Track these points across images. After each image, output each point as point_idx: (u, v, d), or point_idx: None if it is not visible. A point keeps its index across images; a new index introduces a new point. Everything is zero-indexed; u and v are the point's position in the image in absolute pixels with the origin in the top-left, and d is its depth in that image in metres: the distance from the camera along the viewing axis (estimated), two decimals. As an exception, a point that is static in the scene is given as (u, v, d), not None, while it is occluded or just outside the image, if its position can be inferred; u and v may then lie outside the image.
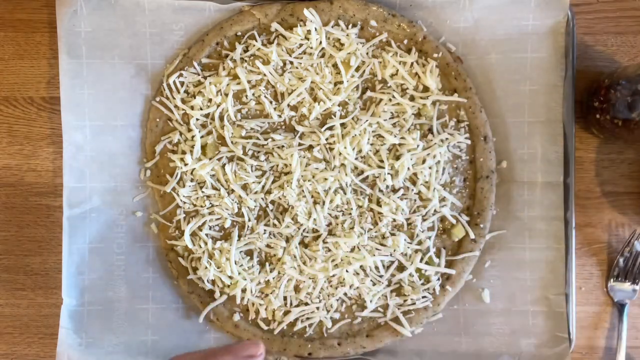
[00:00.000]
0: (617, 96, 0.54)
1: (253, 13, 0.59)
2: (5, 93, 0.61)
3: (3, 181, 0.61)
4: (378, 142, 0.59)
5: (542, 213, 0.59)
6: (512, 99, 0.59)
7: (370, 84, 0.60)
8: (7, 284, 0.62)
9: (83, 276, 0.59)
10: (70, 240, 0.59)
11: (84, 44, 0.59)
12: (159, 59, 0.60)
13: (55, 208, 0.61)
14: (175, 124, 0.60)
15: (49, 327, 0.61)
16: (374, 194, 0.59)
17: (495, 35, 0.59)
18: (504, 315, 0.60)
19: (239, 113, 0.60)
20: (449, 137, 0.59)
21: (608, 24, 0.60)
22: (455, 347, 0.60)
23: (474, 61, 0.59)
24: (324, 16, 0.58)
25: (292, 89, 0.59)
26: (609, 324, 0.61)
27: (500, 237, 0.60)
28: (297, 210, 0.58)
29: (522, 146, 0.59)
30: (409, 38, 0.59)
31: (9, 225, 0.62)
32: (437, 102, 0.59)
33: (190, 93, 0.59)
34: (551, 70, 0.58)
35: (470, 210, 0.60)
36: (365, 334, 0.59)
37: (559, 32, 0.58)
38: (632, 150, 0.61)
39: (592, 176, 0.61)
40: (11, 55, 0.61)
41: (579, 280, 0.61)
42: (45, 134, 0.61)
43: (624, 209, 0.61)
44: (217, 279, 0.59)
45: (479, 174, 0.59)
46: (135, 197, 0.60)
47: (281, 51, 0.58)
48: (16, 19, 0.61)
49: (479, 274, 0.60)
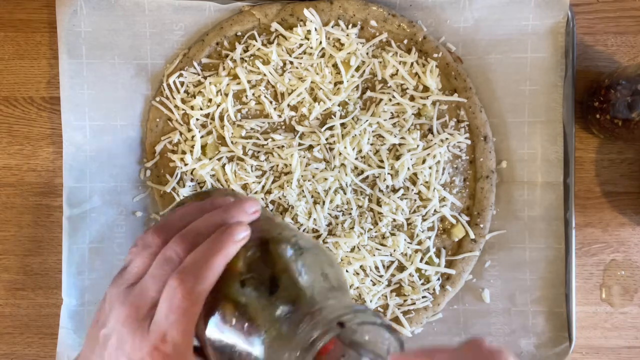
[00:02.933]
0: (617, 96, 0.54)
1: (253, 13, 0.59)
2: (5, 93, 0.61)
3: (3, 181, 0.61)
4: (378, 142, 0.59)
5: (542, 213, 0.59)
6: (512, 99, 0.59)
7: (370, 84, 0.60)
8: (7, 284, 0.62)
9: (83, 276, 0.59)
10: (70, 240, 0.59)
11: (84, 44, 0.59)
12: (159, 59, 0.60)
13: (55, 208, 0.61)
14: (175, 124, 0.60)
15: (49, 327, 0.62)
16: (374, 194, 0.59)
17: (495, 35, 0.59)
18: (504, 315, 0.60)
19: (239, 113, 0.60)
20: (449, 137, 0.59)
21: (608, 24, 0.60)
22: (455, 347, 0.60)
23: (474, 61, 0.59)
24: (324, 16, 0.58)
25: (292, 89, 0.59)
26: (609, 324, 0.61)
27: (500, 237, 0.60)
28: (297, 210, 0.58)
29: (522, 146, 0.59)
30: (409, 38, 0.59)
31: (9, 225, 0.62)
32: (437, 102, 0.59)
33: (190, 93, 0.59)
34: (551, 70, 0.58)
35: (470, 210, 0.60)
36: (365, 334, 0.59)
37: (559, 32, 0.58)
38: (632, 150, 0.61)
39: (592, 176, 0.61)
40: (11, 55, 0.61)
41: (579, 280, 0.61)
42: (45, 134, 0.61)
43: (624, 209, 0.61)
44: (217, 279, 0.59)
45: (479, 174, 0.59)
46: (135, 197, 0.60)
47: (281, 51, 0.58)
48: (16, 19, 0.61)
49: (479, 274, 0.60)
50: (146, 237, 0.40)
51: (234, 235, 0.38)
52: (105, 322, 0.39)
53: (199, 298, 0.36)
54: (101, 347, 0.39)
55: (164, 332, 0.36)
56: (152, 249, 0.39)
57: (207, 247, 0.37)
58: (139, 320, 0.37)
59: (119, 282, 0.39)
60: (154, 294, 0.37)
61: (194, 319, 0.36)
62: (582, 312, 0.61)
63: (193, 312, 0.36)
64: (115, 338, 0.38)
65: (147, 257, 0.39)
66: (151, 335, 0.36)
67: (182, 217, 0.41)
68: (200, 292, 0.36)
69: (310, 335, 0.33)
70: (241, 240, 0.38)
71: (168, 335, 0.36)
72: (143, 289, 0.38)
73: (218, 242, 0.37)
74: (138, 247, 0.40)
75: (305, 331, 0.33)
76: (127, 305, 0.38)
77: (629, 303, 0.61)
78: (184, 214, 0.41)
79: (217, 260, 0.37)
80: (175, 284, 0.36)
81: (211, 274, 0.37)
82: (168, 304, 0.36)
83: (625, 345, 0.61)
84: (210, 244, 0.38)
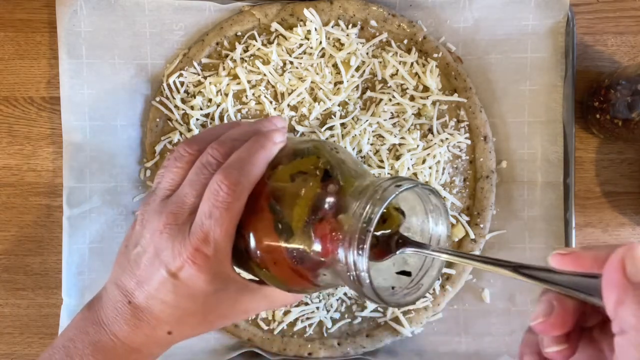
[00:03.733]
0: (617, 96, 0.54)
1: (253, 13, 0.59)
2: (5, 93, 0.61)
3: (3, 181, 0.61)
4: (378, 142, 0.59)
5: (542, 213, 0.59)
6: (512, 99, 0.59)
7: (370, 84, 0.60)
8: (7, 284, 0.62)
9: (83, 276, 0.59)
10: (70, 240, 0.59)
11: (84, 44, 0.59)
12: (159, 59, 0.60)
13: (55, 208, 0.61)
14: (175, 124, 0.60)
15: (49, 327, 0.62)
16: (374, 194, 0.59)
17: (495, 35, 0.59)
18: (504, 315, 0.60)
19: (239, 113, 0.60)
20: (449, 137, 0.59)
21: (608, 24, 0.60)
22: (455, 347, 0.60)
23: (474, 61, 0.59)
24: (324, 16, 0.58)
25: (292, 89, 0.59)
26: (609, 324, 0.61)
27: (500, 237, 0.60)
28: (297, 210, 0.58)
29: (522, 146, 0.59)
30: (409, 38, 0.59)
31: (9, 225, 0.62)
32: (437, 102, 0.59)
33: (190, 93, 0.59)
34: (551, 70, 0.58)
35: (470, 210, 0.60)
36: (365, 334, 0.59)
37: (559, 32, 0.58)
38: (632, 150, 0.61)
39: (592, 176, 0.61)
40: (11, 55, 0.61)
41: (579, 280, 0.60)
42: (45, 134, 0.61)
43: (624, 209, 0.61)
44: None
45: (479, 174, 0.59)
46: (135, 197, 0.60)
47: (281, 51, 0.58)
48: (16, 19, 0.61)
49: (479, 274, 0.60)
50: (178, 150, 0.39)
51: (273, 137, 0.37)
52: (138, 241, 0.38)
53: (243, 193, 0.35)
54: (133, 266, 0.37)
55: (207, 231, 0.35)
56: (187, 158, 0.38)
57: (249, 145, 0.37)
58: (178, 225, 0.36)
59: (151, 199, 0.38)
60: (193, 199, 0.36)
61: (237, 216, 0.35)
62: (582, 312, 0.60)
63: (237, 209, 0.35)
64: (152, 250, 0.36)
65: (182, 167, 0.38)
66: (192, 237, 0.35)
67: (214, 130, 0.40)
68: (244, 187, 0.35)
69: (371, 203, 0.33)
70: (279, 143, 0.38)
71: (211, 234, 0.35)
72: (181, 196, 0.37)
73: (258, 142, 0.37)
74: (170, 161, 0.39)
75: (364, 202, 0.34)
76: (164, 214, 0.36)
77: (629, 303, 0.61)
78: (214, 129, 0.41)
79: (260, 156, 0.36)
80: (220, 177, 0.35)
81: (255, 168, 0.36)
82: (212, 200, 0.35)
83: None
84: (251, 144, 0.37)
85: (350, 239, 0.33)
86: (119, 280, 0.38)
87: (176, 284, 0.36)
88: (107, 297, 0.39)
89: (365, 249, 0.33)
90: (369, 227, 0.33)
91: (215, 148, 0.37)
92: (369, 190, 0.34)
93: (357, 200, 0.34)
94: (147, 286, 0.37)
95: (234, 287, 0.38)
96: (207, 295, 0.37)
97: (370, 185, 0.35)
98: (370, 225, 0.33)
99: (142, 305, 0.37)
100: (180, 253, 0.35)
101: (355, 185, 0.36)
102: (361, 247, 0.33)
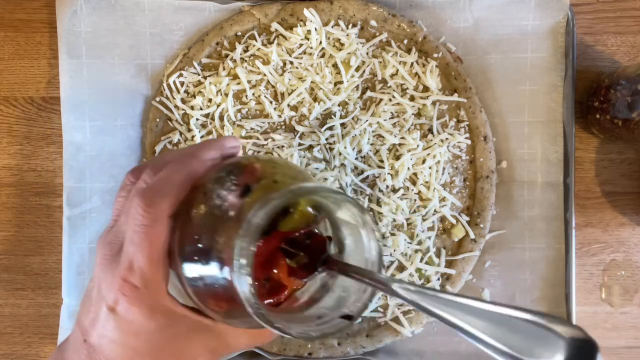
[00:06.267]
0: (617, 96, 0.54)
1: (253, 13, 0.59)
2: (5, 93, 0.61)
3: (3, 181, 0.61)
4: (378, 142, 0.59)
5: (542, 213, 0.59)
6: (512, 99, 0.59)
7: (370, 84, 0.60)
8: (7, 284, 0.62)
9: (83, 276, 0.59)
10: (70, 240, 0.59)
11: (84, 44, 0.59)
12: (159, 59, 0.60)
13: (55, 208, 0.61)
14: (175, 124, 0.60)
15: (48, 327, 0.62)
16: (374, 194, 0.59)
17: (495, 35, 0.59)
18: (504, 315, 0.60)
19: (239, 113, 0.60)
20: (449, 137, 0.59)
21: (608, 24, 0.60)
22: (455, 347, 0.60)
23: (474, 61, 0.59)
24: (324, 16, 0.58)
25: (292, 89, 0.59)
26: (609, 324, 0.61)
27: (500, 237, 0.60)
28: (297, 210, 0.58)
29: (522, 146, 0.59)
30: (409, 38, 0.59)
31: (9, 225, 0.62)
32: (437, 102, 0.59)
33: (190, 93, 0.59)
34: (551, 70, 0.58)
35: (470, 210, 0.60)
36: (365, 334, 0.59)
37: (559, 32, 0.58)
38: (632, 150, 0.61)
39: (592, 176, 0.61)
40: (11, 55, 0.61)
41: (579, 281, 0.61)
42: (45, 134, 0.61)
43: (624, 209, 0.61)
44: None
45: (479, 174, 0.59)
46: (135, 197, 0.60)
47: (281, 51, 0.58)
48: (16, 19, 0.61)
49: (479, 274, 0.60)
50: (124, 179, 0.37)
51: (200, 155, 0.35)
52: (92, 276, 0.36)
53: (160, 214, 0.33)
54: (87, 302, 0.36)
55: (131, 259, 0.33)
56: (129, 187, 0.36)
57: (172, 165, 0.35)
58: (112, 255, 0.34)
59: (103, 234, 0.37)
60: (125, 227, 0.34)
61: (159, 240, 0.33)
62: (582, 312, 0.60)
63: (157, 232, 0.33)
64: (97, 284, 0.34)
65: (125, 195, 0.36)
66: (120, 267, 0.33)
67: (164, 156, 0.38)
68: (161, 207, 0.33)
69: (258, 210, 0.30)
70: (207, 160, 0.35)
71: (135, 262, 0.33)
72: (118, 225, 0.35)
73: (181, 161, 0.35)
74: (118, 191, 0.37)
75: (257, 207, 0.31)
76: (102, 247, 0.35)
77: (629, 303, 0.61)
78: (165, 154, 0.38)
79: (180, 174, 0.34)
80: (137, 200, 0.33)
81: (172, 188, 0.33)
82: (131, 225, 0.33)
83: (625, 345, 0.61)
84: (174, 163, 0.35)
85: (233, 247, 0.30)
86: (79, 317, 0.37)
87: (117, 320, 0.34)
88: (71, 336, 0.37)
89: (244, 250, 0.29)
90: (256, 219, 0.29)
91: (148, 174, 0.35)
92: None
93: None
94: (97, 323, 0.34)
95: (183, 324, 0.35)
96: (150, 333, 0.34)
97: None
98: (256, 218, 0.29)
99: (95, 344, 0.35)
100: (112, 285, 0.33)
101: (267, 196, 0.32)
102: (241, 249, 0.29)
